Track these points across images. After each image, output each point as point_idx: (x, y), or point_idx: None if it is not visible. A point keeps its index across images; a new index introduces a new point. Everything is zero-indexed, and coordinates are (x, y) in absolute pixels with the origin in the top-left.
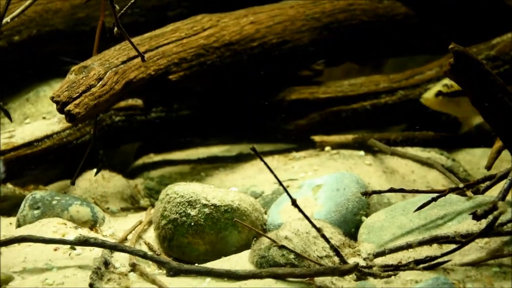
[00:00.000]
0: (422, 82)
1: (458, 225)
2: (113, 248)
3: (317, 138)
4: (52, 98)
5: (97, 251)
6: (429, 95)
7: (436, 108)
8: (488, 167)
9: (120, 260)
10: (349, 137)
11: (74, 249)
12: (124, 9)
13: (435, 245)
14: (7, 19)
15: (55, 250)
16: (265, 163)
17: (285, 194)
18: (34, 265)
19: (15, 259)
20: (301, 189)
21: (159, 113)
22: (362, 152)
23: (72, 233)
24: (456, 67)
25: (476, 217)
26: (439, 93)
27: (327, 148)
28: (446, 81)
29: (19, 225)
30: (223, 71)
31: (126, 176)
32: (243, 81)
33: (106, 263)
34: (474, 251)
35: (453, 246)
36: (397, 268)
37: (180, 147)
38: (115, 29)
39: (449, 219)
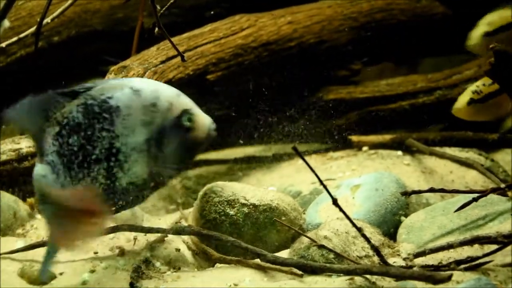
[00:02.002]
0: (460, 81)
1: (499, 225)
2: (207, 236)
3: (354, 138)
4: None
5: None
6: (461, 105)
7: (471, 118)
8: None
9: (160, 259)
10: (386, 137)
11: None
12: (164, 8)
13: (476, 246)
14: (47, 19)
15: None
16: (306, 162)
17: (324, 193)
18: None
19: None
20: (340, 189)
21: None
22: (400, 152)
23: None
24: (497, 66)
25: None
26: (471, 101)
27: (365, 148)
28: (474, 87)
29: None
30: (260, 71)
31: None
32: (281, 80)
33: (147, 262)
34: None
35: (495, 246)
36: (437, 268)
37: (216, 147)
38: (156, 29)
39: (490, 219)
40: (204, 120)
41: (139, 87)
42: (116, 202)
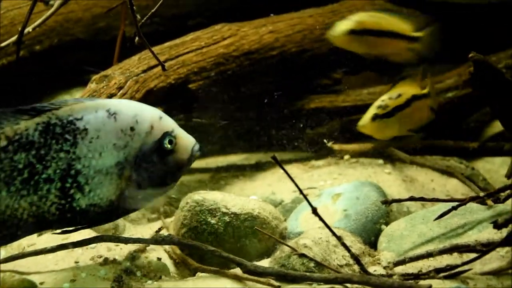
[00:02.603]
0: (441, 91)
1: (478, 234)
2: (187, 246)
3: (336, 146)
4: None
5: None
6: (365, 122)
7: (378, 134)
8: (508, 176)
9: (141, 268)
10: (368, 145)
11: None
12: (145, 18)
13: (455, 254)
14: (29, 28)
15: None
16: (286, 172)
17: (305, 202)
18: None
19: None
20: (321, 198)
21: (178, 121)
22: (381, 161)
23: None
24: (476, 76)
25: (497, 226)
26: (375, 117)
27: (346, 157)
28: (379, 102)
29: (40, 233)
30: (242, 80)
31: None
32: (262, 89)
33: (128, 271)
34: (495, 260)
35: (474, 255)
36: (417, 277)
37: (199, 156)
38: (136, 38)
39: (470, 228)
40: (186, 142)
41: (116, 110)
42: (74, 221)
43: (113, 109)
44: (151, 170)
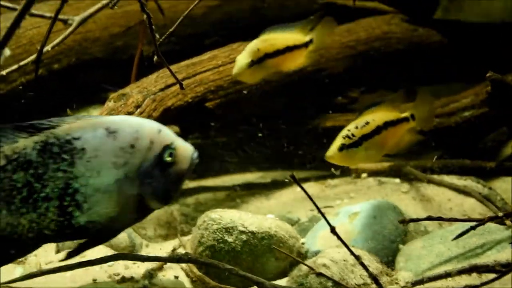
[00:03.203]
0: (457, 110)
1: (497, 254)
2: (204, 264)
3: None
4: None
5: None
6: (332, 152)
7: (344, 163)
8: None
9: (158, 287)
10: (385, 164)
11: None
12: (164, 37)
13: (474, 274)
14: (47, 47)
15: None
16: (305, 191)
17: (322, 221)
18: None
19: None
20: (338, 217)
21: (195, 139)
22: (398, 180)
23: None
24: (493, 95)
25: None
26: (342, 147)
27: (363, 175)
28: (345, 131)
29: (58, 251)
30: (259, 99)
31: None
32: (279, 108)
33: None
34: None
35: (493, 275)
36: None
37: (215, 174)
38: (155, 57)
39: (488, 248)
40: (185, 151)
41: (116, 128)
42: (74, 236)
43: (113, 127)
44: (153, 184)
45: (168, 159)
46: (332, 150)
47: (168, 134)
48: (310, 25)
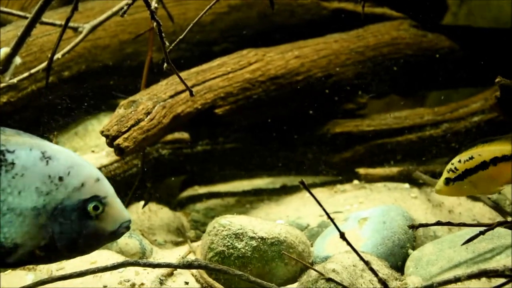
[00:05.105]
0: (467, 115)
1: (507, 259)
2: (214, 270)
3: (361, 170)
4: (101, 132)
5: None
6: (440, 187)
7: (453, 195)
8: None
9: None
10: (394, 169)
11: None
12: (173, 44)
13: (484, 279)
14: (58, 55)
15: None
16: (314, 197)
17: (331, 226)
18: None
19: None
20: (347, 222)
21: (204, 146)
22: (407, 185)
23: None
24: (502, 100)
25: None
26: (447, 181)
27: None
28: (450, 165)
29: None
30: (268, 105)
31: (172, 209)
32: (288, 114)
33: None
34: None
35: (503, 280)
36: None
37: (224, 180)
38: (165, 64)
39: (498, 252)
40: (116, 214)
41: (52, 155)
42: None
43: (49, 153)
44: (65, 227)
45: (91, 210)
46: (439, 184)
47: (105, 188)
48: None
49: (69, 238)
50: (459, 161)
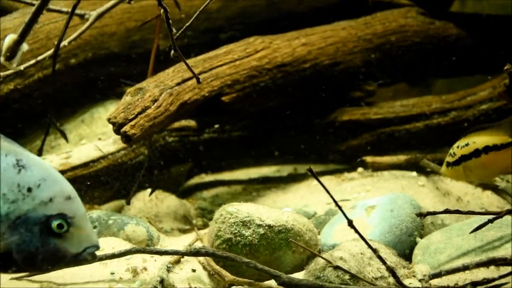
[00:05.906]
0: (474, 103)
1: None
2: (222, 257)
3: (369, 158)
4: (108, 120)
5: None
6: (443, 168)
7: (457, 179)
8: None
9: (176, 280)
10: (401, 158)
11: None
12: (180, 31)
13: (492, 267)
14: (64, 42)
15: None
16: (322, 184)
17: (339, 214)
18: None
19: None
20: (355, 210)
21: (211, 133)
22: (414, 173)
23: None
24: (511, 88)
25: None
26: (447, 164)
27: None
28: (451, 150)
29: None
30: (275, 92)
31: (179, 196)
32: (295, 102)
33: (163, 283)
34: None
35: (511, 268)
36: None
37: (231, 168)
38: (172, 51)
39: (506, 241)
40: (82, 237)
41: (27, 165)
42: None
43: (24, 162)
44: (24, 239)
45: (54, 228)
46: (444, 166)
47: (75, 207)
48: None
49: (27, 251)
50: (458, 147)
